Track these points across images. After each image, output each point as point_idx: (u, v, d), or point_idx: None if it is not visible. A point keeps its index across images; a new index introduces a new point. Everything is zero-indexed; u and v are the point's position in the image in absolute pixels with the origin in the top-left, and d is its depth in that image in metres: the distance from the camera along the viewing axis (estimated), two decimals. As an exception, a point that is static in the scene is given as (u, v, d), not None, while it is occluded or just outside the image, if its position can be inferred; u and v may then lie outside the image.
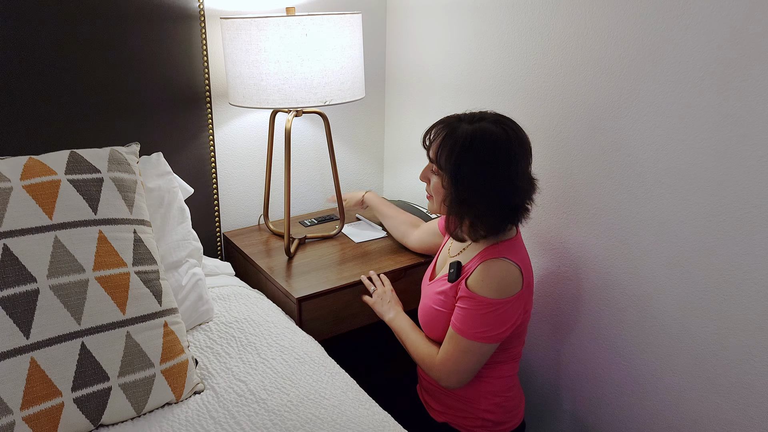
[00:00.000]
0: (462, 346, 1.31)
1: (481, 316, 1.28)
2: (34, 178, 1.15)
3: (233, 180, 1.91)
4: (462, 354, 1.31)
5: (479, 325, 1.28)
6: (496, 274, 1.27)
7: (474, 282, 1.29)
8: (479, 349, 1.30)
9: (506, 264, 1.28)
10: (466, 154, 1.23)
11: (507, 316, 1.28)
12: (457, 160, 1.24)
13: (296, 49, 1.50)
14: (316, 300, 1.56)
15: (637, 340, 1.46)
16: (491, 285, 1.27)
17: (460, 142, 1.24)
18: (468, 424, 1.43)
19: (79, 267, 1.12)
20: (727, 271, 1.26)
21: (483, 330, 1.28)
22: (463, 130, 1.25)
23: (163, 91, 1.65)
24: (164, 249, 1.41)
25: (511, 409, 1.44)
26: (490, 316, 1.27)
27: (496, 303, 1.27)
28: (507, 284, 1.27)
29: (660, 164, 1.33)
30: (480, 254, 1.32)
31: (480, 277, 1.28)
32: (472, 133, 1.24)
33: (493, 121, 1.26)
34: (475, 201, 1.26)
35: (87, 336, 1.10)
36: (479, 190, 1.25)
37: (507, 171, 1.24)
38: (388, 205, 1.86)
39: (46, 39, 1.45)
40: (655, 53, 1.29)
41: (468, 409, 1.42)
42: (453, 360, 1.32)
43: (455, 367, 1.33)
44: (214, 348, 1.35)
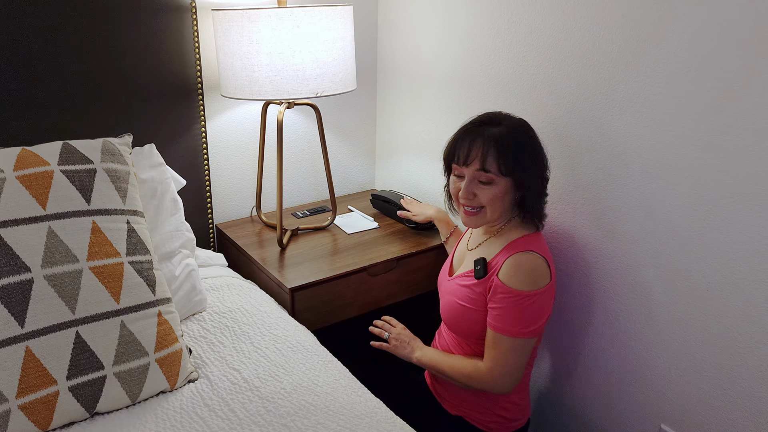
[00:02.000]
0: (508, 346, 1.31)
1: (520, 310, 1.28)
2: (27, 168, 1.16)
3: (226, 172, 1.92)
4: (510, 354, 1.31)
5: (520, 320, 1.29)
6: (527, 266, 1.29)
7: (506, 276, 1.30)
8: (524, 345, 1.31)
9: (534, 256, 1.30)
10: (525, 141, 1.32)
11: (543, 307, 1.30)
12: (523, 159, 1.30)
13: (288, 41, 1.51)
14: (308, 290, 1.57)
15: (625, 328, 1.48)
16: (525, 277, 1.28)
17: (512, 141, 1.29)
18: (484, 419, 1.44)
19: (73, 257, 1.13)
20: (712, 259, 1.28)
21: (524, 324, 1.29)
22: (503, 131, 1.30)
23: (155, 83, 1.65)
24: (157, 240, 1.42)
25: (524, 407, 1.47)
26: (528, 309, 1.28)
27: (532, 295, 1.28)
28: (539, 275, 1.29)
29: (647, 155, 1.35)
30: (506, 248, 1.34)
31: (512, 271, 1.29)
32: (514, 129, 1.31)
33: (505, 118, 1.35)
34: (529, 179, 1.32)
35: (81, 325, 1.11)
36: (536, 168, 1.33)
37: (543, 156, 1.36)
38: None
39: (38, 31, 1.45)
40: (643, 45, 1.30)
41: (486, 405, 1.43)
42: (501, 363, 1.32)
43: (505, 369, 1.32)
44: (208, 337, 1.36)
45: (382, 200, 1.99)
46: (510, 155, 1.28)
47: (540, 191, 1.35)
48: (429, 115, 1.95)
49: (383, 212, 2.01)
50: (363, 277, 1.67)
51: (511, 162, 1.28)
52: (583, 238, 1.53)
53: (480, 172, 1.30)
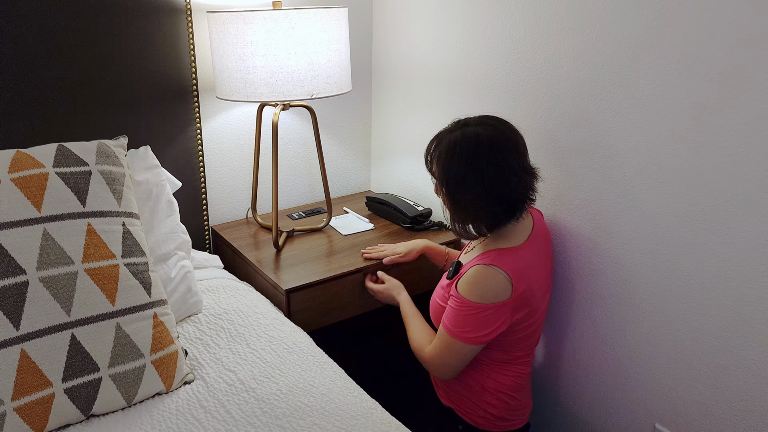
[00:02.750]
0: (447, 343, 1.36)
1: (464, 317, 1.33)
2: (21, 171, 1.16)
3: (221, 174, 1.92)
4: (447, 350, 1.37)
5: (462, 325, 1.33)
6: (480, 281, 1.31)
7: (461, 284, 1.34)
8: (462, 348, 1.35)
9: (494, 272, 1.31)
10: (451, 158, 1.31)
11: (489, 321, 1.32)
12: (444, 166, 1.32)
13: (283, 43, 1.51)
14: (304, 291, 1.58)
15: (619, 327, 1.49)
16: (474, 290, 1.31)
17: (445, 149, 1.32)
18: (472, 414, 1.46)
19: (68, 259, 1.13)
20: (705, 259, 1.29)
21: (465, 330, 1.33)
22: (448, 138, 1.33)
23: (151, 85, 1.65)
24: (153, 242, 1.42)
25: (516, 408, 1.48)
26: (472, 318, 1.32)
27: (478, 307, 1.31)
28: (491, 291, 1.31)
29: (640, 155, 1.36)
30: (477, 258, 1.36)
31: (466, 280, 1.33)
32: (455, 138, 1.32)
33: (476, 123, 1.33)
34: (469, 201, 1.32)
35: (77, 327, 1.11)
36: (470, 190, 1.31)
37: (492, 167, 1.29)
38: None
39: (33, 33, 1.45)
40: (635, 47, 1.31)
41: (473, 399, 1.46)
42: (439, 355, 1.39)
43: (441, 361, 1.39)
44: (204, 339, 1.37)
45: (377, 202, 1.99)
46: (441, 162, 1.33)
47: (475, 205, 1.32)
48: (424, 116, 1.95)
49: (378, 214, 2.01)
50: (359, 278, 1.67)
51: (441, 168, 1.33)
52: (577, 238, 1.54)
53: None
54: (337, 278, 1.63)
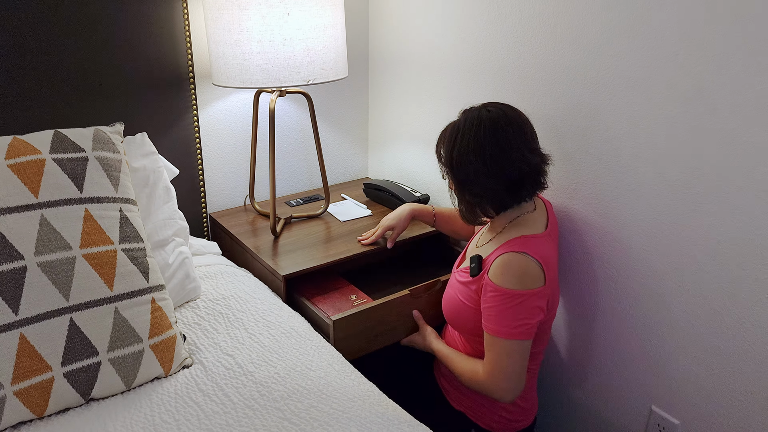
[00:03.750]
0: (502, 349, 1.29)
1: (510, 309, 1.27)
2: (18, 157, 1.16)
3: (219, 161, 1.93)
4: (505, 358, 1.29)
5: (512, 319, 1.27)
6: (515, 267, 1.27)
7: (495, 275, 1.29)
8: (518, 346, 1.28)
9: (525, 258, 1.27)
10: (454, 140, 1.31)
11: (534, 309, 1.28)
12: (448, 148, 1.32)
13: (278, 29, 1.51)
14: (302, 277, 1.58)
15: (615, 310, 1.50)
16: (512, 278, 1.27)
17: (449, 133, 1.33)
18: (485, 418, 1.45)
19: (66, 245, 1.14)
20: (700, 242, 1.30)
21: (517, 324, 1.27)
22: (452, 123, 1.34)
23: (147, 72, 1.65)
24: (150, 228, 1.42)
25: (527, 409, 1.48)
26: (518, 308, 1.26)
27: (521, 294, 1.26)
28: (529, 276, 1.26)
29: (636, 138, 1.36)
30: (500, 247, 1.32)
31: (500, 270, 1.28)
32: (458, 122, 1.33)
33: (483, 108, 1.32)
34: (474, 182, 1.30)
35: (75, 312, 1.12)
36: (476, 171, 1.29)
37: (497, 148, 1.27)
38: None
39: (28, 20, 1.45)
40: (632, 30, 1.31)
41: (485, 404, 1.44)
42: (499, 367, 1.30)
43: (503, 374, 1.29)
44: (202, 324, 1.37)
45: (375, 188, 1.99)
46: (447, 146, 1.33)
47: (481, 186, 1.31)
48: (421, 102, 1.95)
49: (376, 200, 2.02)
50: (355, 266, 1.68)
51: (446, 151, 1.33)
52: (574, 221, 1.54)
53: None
54: (334, 264, 1.63)
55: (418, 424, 1.13)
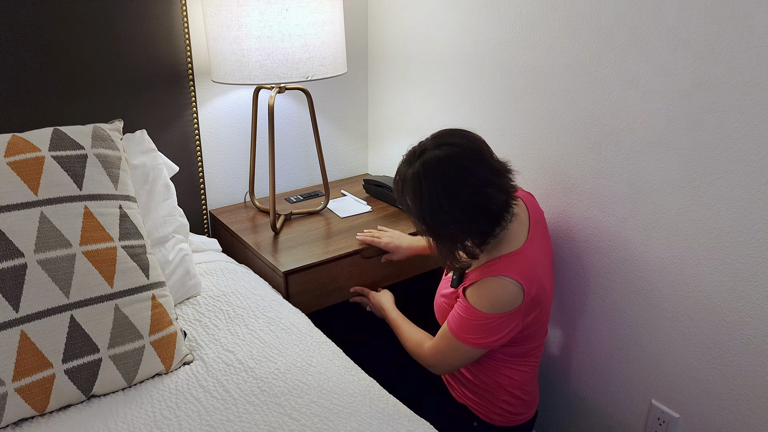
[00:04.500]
0: (452, 344, 1.34)
1: (473, 325, 1.29)
2: (18, 155, 1.16)
3: (218, 158, 1.93)
4: (450, 351, 1.35)
5: (471, 332, 1.30)
6: (492, 293, 1.26)
7: (470, 295, 1.30)
8: (467, 351, 1.33)
9: (504, 282, 1.25)
10: (421, 194, 1.22)
11: (499, 328, 1.29)
12: (416, 204, 1.24)
13: (277, 25, 1.51)
14: (302, 274, 1.59)
15: (616, 305, 1.50)
16: (485, 302, 1.27)
17: (411, 187, 1.23)
18: (487, 411, 1.45)
19: (66, 242, 1.14)
20: (700, 236, 1.30)
21: (474, 337, 1.30)
22: (411, 173, 1.23)
23: (146, 69, 1.65)
24: (150, 225, 1.43)
25: (528, 402, 1.48)
26: (482, 327, 1.28)
27: (490, 317, 1.27)
28: (502, 302, 1.26)
29: (635, 133, 1.36)
30: (482, 267, 1.31)
31: (477, 292, 1.29)
32: (417, 171, 1.22)
33: (433, 147, 1.23)
34: (451, 229, 1.25)
35: (76, 309, 1.12)
36: (449, 218, 1.22)
37: (465, 187, 1.21)
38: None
39: (27, 17, 1.45)
40: (630, 24, 1.31)
41: (488, 398, 1.44)
42: (441, 354, 1.38)
43: (442, 360, 1.39)
44: (203, 321, 1.38)
45: (374, 185, 1.99)
46: (412, 200, 1.24)
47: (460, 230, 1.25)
48: (421, 97, 1.95)
49: (376, 196, 2.02)
50: (356, 260, 1.68)
51: (415, 206, 1.24)
52: (574, 217, 1.54)
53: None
54: (335, 260, 1.64)
55: (418, 419, 1.13)
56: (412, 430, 1.08)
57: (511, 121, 1.64)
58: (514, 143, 1.65)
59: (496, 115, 1.68)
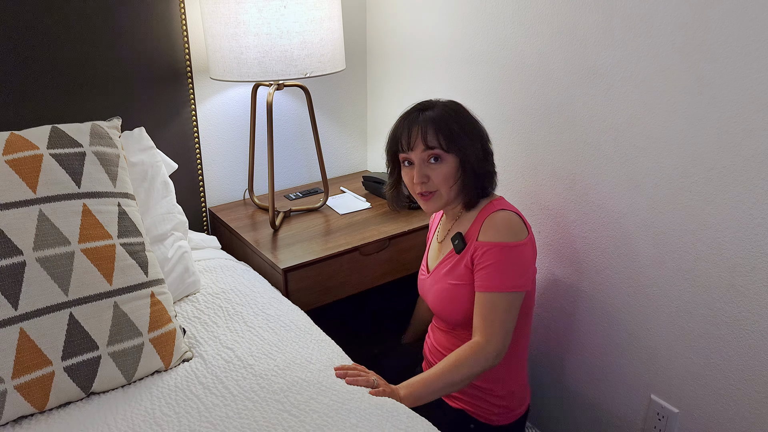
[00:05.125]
0: (502, 304, 1.27)
1: (507, 263, 1.28)
2: (16, 153, 1.16)
3: (217, 155, 1.92)
4: (503, 313, 1.27)
5: (509, 272, 1.28)
6: (504, 221, 1.31)
7: (486, 235, 1.31)
8: (515, 300, 1.28)
9: (507, 213, 1.32)
10: (460, 124, 1.32)
11: (527, 260, 1.31)
12: (462, 130, 1.31)
13: (275, 22, 1.50)
14: (301, 270, 1.59)
15: (615, 300, 1.50)
16: (504, 230, 1.30)
17: (447, 116, 1.31)
18: (484, 412, 1.43)
19: (65, 239, 1.14)
20: (698, 231, 1.30)
21: (513, 278, 1.27)
22: (436, 112, 1.32)
23: (144, 67, 1.65)
24: (149, 222, 1.43)
25: (521, 396, 1.47)
26: (514, 260, 1.28)
27: (515, 246, 1.28)
28: (517, 228, 1.30)
29: (634, 128, 1.36)
30: (477, 217, 1.35)
31: (491, 228, 1.31)
32: (446, 108, 1.33)
33: (438, 101, 1.37)
34: (486, 157, 1.36)
35: (75, 306, 1.12)
36: (485, 144, 1.36)
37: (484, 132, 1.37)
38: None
39: (25, 15, 1.45)
40: (628, 19, 1.31)
41: (483, 398, 1.42)
42: (499, 322, 1.27)
43: (503, 329, 1.27)
44: (202, 318, 1.38)
45: (374, 181, 1.99)
46: (447, 131, 1.31)
47: (482, 160, 1.35)
48: (420, 94, 1.95)
49: (375, 193, 2.02)
50: (355, 256, 1.68)
51: (450, 136, 1.31)
52: (573, 212, 1.54)
53: (427, 152, 1.31)
54: (334, 257, 1.64)
55: (416, 416, 1.13)
56: (411, 426, 1.08)
57: (510, 117, 1.64)
58: (513, 139, 1.65)
59: (494, 111, 1.68)
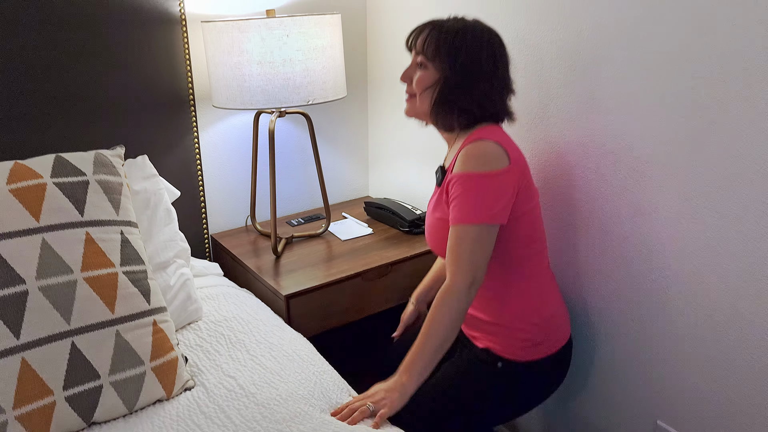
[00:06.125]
0: (470, 235, 1.24)
1: (476, 193, 1.24)
2: (20, 182, 1.17)
3: (219, 181, 1.93)
4: (471, 244, 1.24)
5: (479, 204, 1.24)
6: (476, 151, 1.26)
7: (459, 167, 1.27)
8: (483, 233, 1.23)
9: (483, 143, 1.27)
10: (460, 41, 1.28)
11: (500, 190, 1.25)
12: (451, 47, 1.28)
13: (278, 51, 1.52)
14: (304, 297, 1.58)
15: (618, 325, 1.49)
16: (475, 161, 1.25)
17: (452, 32, 1.29)
18: (508, 348, 1.37)
19: (67, 268, 1.14)
20: (701, 256, 1.29)
21: (484, 208, 1.23)
22: (452, 25, 1.30)
23: (148, 95, 1.67)
24: (152, 250, 1.43)
25: (548, 330, 1.39)
26: (482, 191, 1.24)
27: (486, 175, 1.24)
28: (491, 157, 1.25)
29: (634, 152, 1.36)
30: (460, 148, 1.31)
31: (463, 160, 1.27)
32: (463, 26, 1.30)
33: (475, 22, 1.32)
34: (466, 85, 1.29)
35: (77, 335, 1.12)
36: (471, 74, 1.28)
37: (492, 63, 1.29)
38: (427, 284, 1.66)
39: (29, 46, 1.47)
40: (628, 45, 1.32)
41: (506, 333, 1.37)
42: (465, 258, 1.24)
43: (468, 263, 1.24)
44: (204, 346, 1.37)
45: (375, 207, 2.00)
46: (437, 42, 1.28)
47: (461, 88, 1.30)
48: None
49: (377, 218, 2.02)
50: (358, 282, 1.68)
51: (437, 49, 1.28)
52: (573, 237, 1.54)
53: (418, 56, 1.33)
54: (336, 283, 1.63)
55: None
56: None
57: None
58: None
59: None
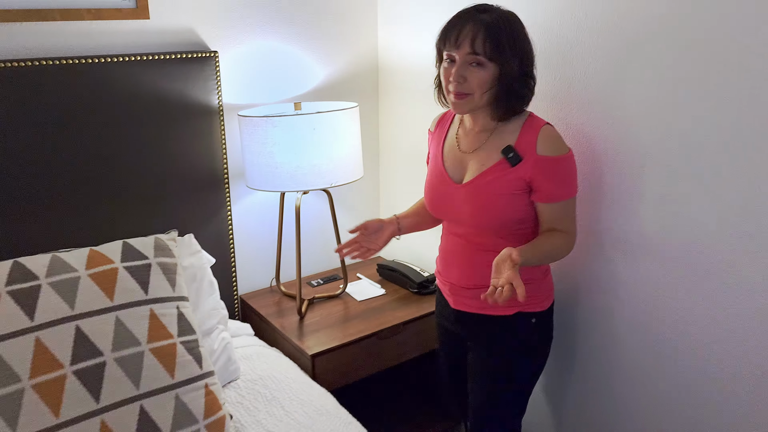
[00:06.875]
0: (571, 207, 1.46)
1: (571, 170, 1.45)
2: (97, 267, 1.40)
3: (248, 248, 2.15)
4: (573, 213, 1.48)
5: (574, 180, 1.46)
6: (554, 135, 1.42)
7: (548, 150, 1.39)
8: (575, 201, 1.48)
9: (551, 127, 1.44)
10: (512, 34, 1.34)
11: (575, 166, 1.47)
12: (508, 43, 1.33)
13: (306, 142, 1.76)
14: (327, 356, 1.79)
15: (606, 383, 1.69)
16: (560, 144, 1.42)
17: (501, 27, 1.33)
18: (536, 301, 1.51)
19: (136, 341, 1.36)
20: (703, 317, 1.45)
21: (575, 185, 1.46)
22: (493, 19, 1.33)
23: (190, 179, 1.90)
24: (198, 318, 1.64)
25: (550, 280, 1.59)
26: (574, 168, 1.45)
27: (571, 156, 1.44)
28: (563, 140, 1.44)
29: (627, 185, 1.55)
30: (524, 129, 1.42)
31: (549, 142, 1.40)
32: (501, 17, 1.35)
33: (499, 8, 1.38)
34: (528, 73, 1.39)
35: (145, 399, 1.33)
36: (528, 62, 1.39)
37: (531, 45, 1.40)
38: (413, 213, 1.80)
39: (90, 138, 1.70)
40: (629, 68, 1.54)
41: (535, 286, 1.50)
42: (574, 223, 1.48)
43: (575, 227, 1.49)
44: (244, 403, 1.57)
45: (387, 269, 2.21)
46: (496, 40, 1.32)
47: (519, 78, 1.37)
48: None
49: (389, 279, 2.23)
50: (374, 341, 1.89)
51: (497, 46, 1.32)
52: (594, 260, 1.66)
53: (471, 56, 1.34)
54: (354, 342, 1.84)
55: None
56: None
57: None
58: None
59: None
